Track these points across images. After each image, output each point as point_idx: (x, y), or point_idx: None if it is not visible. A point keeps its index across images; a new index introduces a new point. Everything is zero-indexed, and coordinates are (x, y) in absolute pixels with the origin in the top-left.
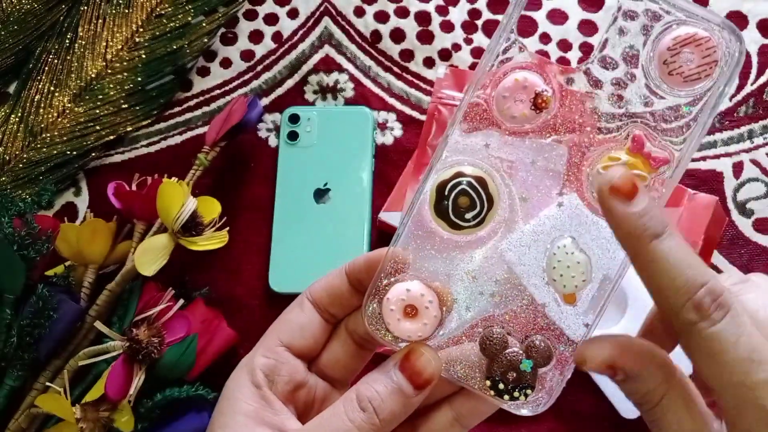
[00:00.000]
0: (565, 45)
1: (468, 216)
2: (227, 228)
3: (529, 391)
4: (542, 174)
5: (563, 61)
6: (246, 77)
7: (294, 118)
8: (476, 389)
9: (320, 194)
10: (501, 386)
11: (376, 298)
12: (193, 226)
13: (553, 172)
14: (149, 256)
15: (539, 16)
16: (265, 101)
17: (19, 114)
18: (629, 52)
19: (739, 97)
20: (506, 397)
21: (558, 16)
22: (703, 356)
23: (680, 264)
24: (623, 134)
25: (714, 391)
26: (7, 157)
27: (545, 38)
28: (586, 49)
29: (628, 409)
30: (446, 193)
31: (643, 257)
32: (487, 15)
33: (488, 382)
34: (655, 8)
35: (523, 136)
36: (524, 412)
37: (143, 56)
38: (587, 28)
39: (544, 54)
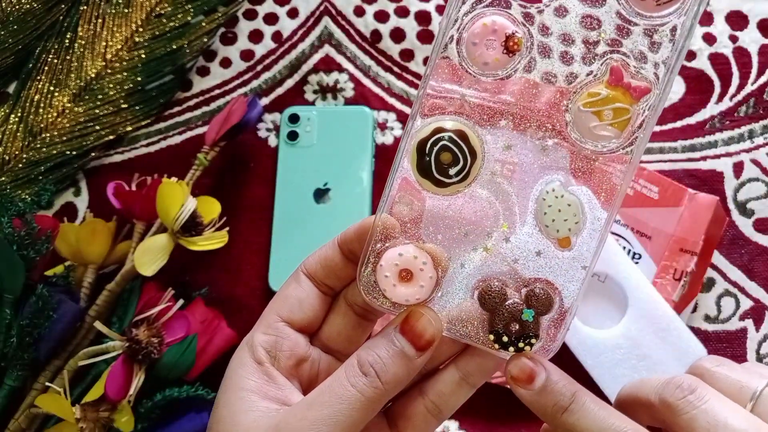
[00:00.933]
0: (566, 39)
1: (452, 172)
2: (227, 228)
3: (534, 341)
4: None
5: (564, 57)
6: (246, 77)
7: (294, 118)
8: (481, 345)
9: (320, 194)
10: (505, 339)
11: (370, 265)
12: (193, 226)
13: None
14: (149, 256)
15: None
16: (264, 101)
17: (19, 114)
18: None
19: (739, 97)
20: (512, 348)
21: (558, 10)
22: None
23: (593, 427)
24: (602, 70)
25: None
26: (7, 157)
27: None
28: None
29: None
30: (427, 150)
31: (561, 430)
32: None
33: (492, 336)
34: None
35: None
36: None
37: (143, 56)
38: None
39: (545, 47)
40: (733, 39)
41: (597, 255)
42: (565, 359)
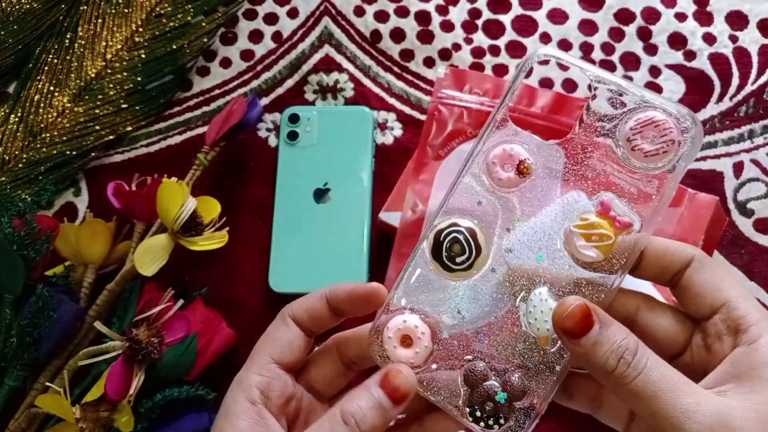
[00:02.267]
0: (565, 44)
1: (459, 260)
2: (227, 228)
3: (502, 421)
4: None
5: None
6: (246, 77)
7: (294, 118)
8: (455, 414)
9: (320, 194)
10: (478, 413)
11: (378, 330)
12: (193, 226)
13: (553, 171)
14: (149, 256)
15: (539, 15)
16: (265, 101)
17: (19, 114)
18: (604, 125)
19: (739, 97)
20: (482, 424)
21: (558, 16)
22: None
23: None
24: (595, 200)
25: None
26: (7, 157)
27: (545, 38)
28: (586, 49)
29: None
30: (441, 239)
31: (621, 390)
32: (487, 15)
33: (467, 409)
34: (624, 99)
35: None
36: None
37: (143, 56)
38: (587, 27)
39: None
40: (733, 39)
41: (566, 367)
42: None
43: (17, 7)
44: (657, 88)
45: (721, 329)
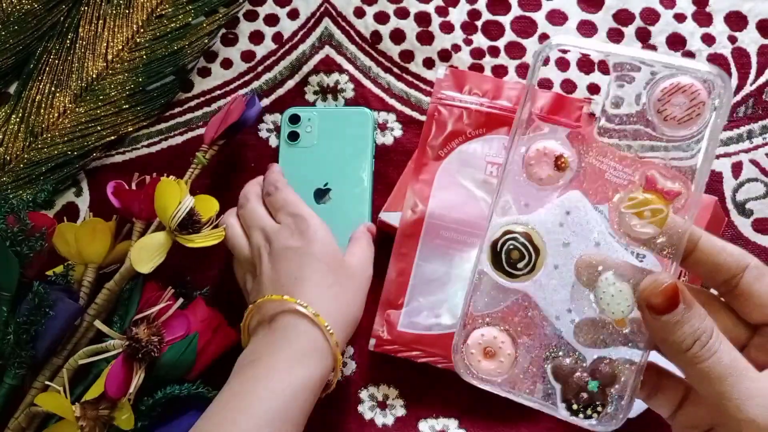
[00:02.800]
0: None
1: (520, 266)
2: (224, 225)
3: (600, 409)
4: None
5: (563, 62)
6: (246, 78)
7: (294, 119)
8: (552, 411)
9: (321, 194)
10: (574, 406)
11: (458, 347)
12: (191, 223)
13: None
14: (146, 253)
15: (539, 16)
16: (265, 102)
17: (20, 114)
18: (631, 102)
19: (738, 98)
20: (581, 415)
21: (558, 17)
22: None
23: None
24: (637, 176)
25: None
26: (8, 158)
27: (545, 39)
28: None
29: None
30: (498, 249)
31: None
32: (486, 16)
33: (563, 404)
34: (643, 67)
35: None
36: (599, 429)
37: (144, 57)
38: (587, 28)
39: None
40: (732, 39)
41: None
42: None
43: (18, 7)
44: None
45: None
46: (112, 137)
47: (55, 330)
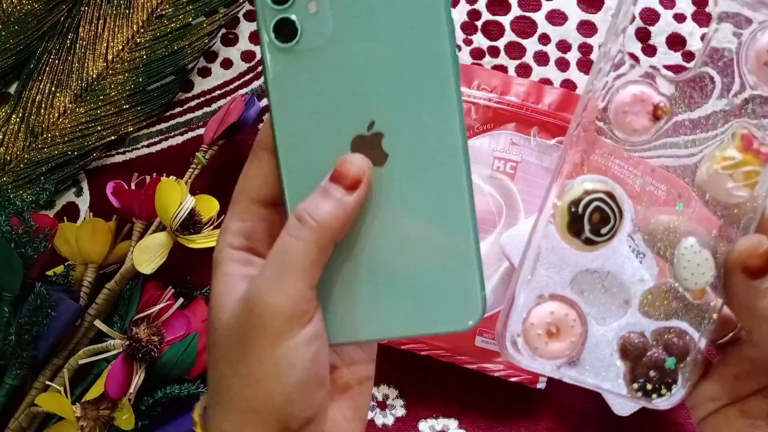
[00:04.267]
0: (564, 46)
1: (603, 231)
2: None
3: (674, 386)
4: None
5: (563, 62)
6: (247, 78)
7: None
8: (620, 392)
9: (365, 147)
10: (648, 387)
11: (514, 327)
12: (192, 224)
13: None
14: (147, 254)
15: (538, 16)
16: (265, 102)
17: (20, 114)
18: (727, 56)
19: None
20: (654, 396)
21: (557, 17)
22: None
23: None
24: (728, 133)
25: None
26: (8, 158)
27: (544, 39)
28: (585, 50)
29: (621, 407)
30: (580, 211)
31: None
32: (486, 16)
33: (635, 385)
34: (748, 12)
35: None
36: (663, 405)
37: (144, 57)
38: (587, 29)
39: (543, 55)
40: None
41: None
42: None
43: (18, 7)
44: None
45: None
46: (113, 137)
47: (56, 330)
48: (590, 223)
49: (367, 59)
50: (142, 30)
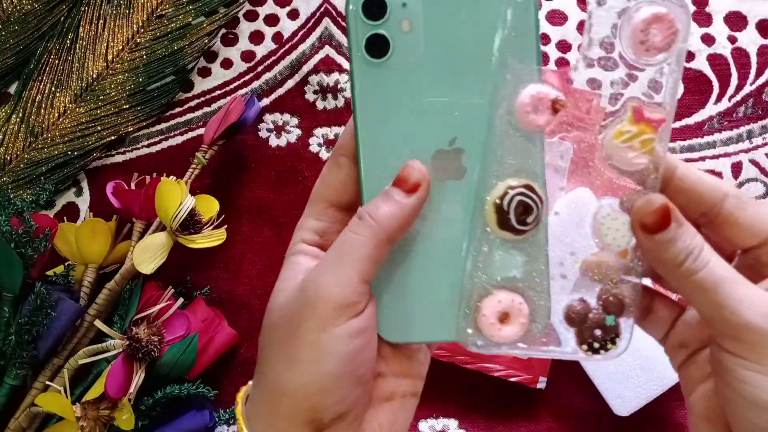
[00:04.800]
0: (564, 46)
1: (529, 219)
2: (225, 226)
3: (617, 339)
4: (548, 170)
5: (563, 62)
6: (246, 78)
7: (377, 9)
8: (574, 356)
9: (446, 161)
10: (596, 345)
11: (470, 317)
12: (192, 224)
13: (557, 167)
14: (148, 254)
15: (539, 16)
16: (265, 101)
17: (21, 114)
18: (606, 41)
19: (738, 98)
20: (602, 352)
21: (558, 17)
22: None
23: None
24: (622, 109)
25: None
26: (9, 158)
27: (544, 39)
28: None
29: (621, 407)
30: (505, 207)
31: (686, 287)
32: None
33: (585, 347)
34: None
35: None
36: (614, 355)
37: (144, 57)
38: None
39: (543, 55)
40: (732, 40)
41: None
42: None
43: (18, 7)
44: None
45: None
46: (113, 137)
47: (57, 330)
48: (516, 215)
49: (455, 79)
50: (142, 30)
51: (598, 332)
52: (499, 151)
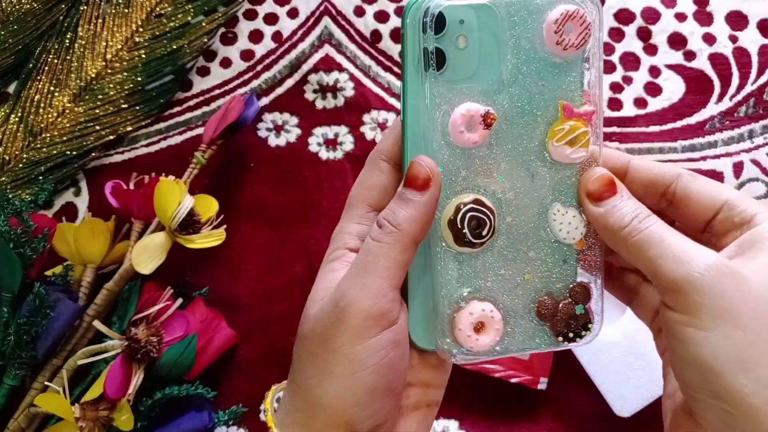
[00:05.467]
0: None
1: (484, 233)
2: (224, 226)
3: (590, 325)
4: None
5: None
6: (246, 77)
7: (437, 22)
8: (551, 348)
9: (524, 189)
10: (571, 335)
11: (447, 333)
12: (191, 224)
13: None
14: (146, 254)
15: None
16: (264, 101)
17: (19, 114)
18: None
19: (739, 97)
20: (578, 339)
21: None
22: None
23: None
24: (556, 107)
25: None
26: (7, 157)
27: None
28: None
29: (622, 407)
30: (459, 225)
31: (626, 252)
32: None
33: (560, 338)
34: (526, 6)
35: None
36: (590, 340)
37: (143, 56)
38: None
39: None
40: (733, 39)
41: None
42: (563, 354)
43: (17, 7)
44: (657, 88)
45: (727, 225)
46: (111, 137)
47: (55, 330)
48: (470, 230)
49: (528, 102)
50: (141, 29)
51: (571, 322)
52: (445, 170)
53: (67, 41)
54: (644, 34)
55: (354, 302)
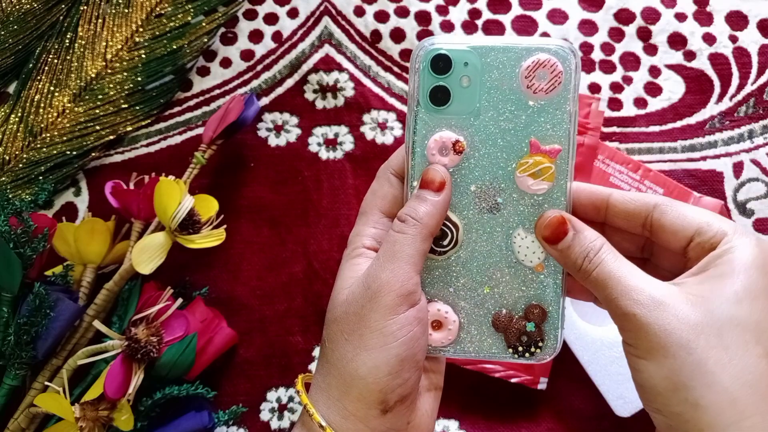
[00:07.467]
0: None
1: (445, 243)
2: (224, 226)
3: (541, 343)
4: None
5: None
6: (246, 77)
7: (443, 64)
8: (501, 359)
9: (484, 197)
10: (520, 349)
11: None
12: (191, 224)
13: None
14: (146, 254)
15: (539, 15)
16: (264, 101)
17: (19, 114)
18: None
19: (739, 97)
20: (527, 355)
21: (558, 16)
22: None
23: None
24: (518, 147)
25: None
26: (7, 157)
27: (545, 38)
28: (586, 49)
29: (622, 408)
30: None
31: (588, 283)
32: (487, 15)
33: (511, 350)
34: (505, 53)
35: None
36: (536, 359)
37: (143, 56)
38: (587, 27)
39: None
40: (733, 39)
41: (564, 277)
42: (563, 354)
43: (17, 7)
44: (657, 88)
45: (699, 251)
46: (111, 137)
47: (55, 330)
48: (434, 239)
49: (501, 136)
50: (141, 29)
51: (523, 338)
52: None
53: (67, 41)
54: (644, 34)
55: (386, 284)
